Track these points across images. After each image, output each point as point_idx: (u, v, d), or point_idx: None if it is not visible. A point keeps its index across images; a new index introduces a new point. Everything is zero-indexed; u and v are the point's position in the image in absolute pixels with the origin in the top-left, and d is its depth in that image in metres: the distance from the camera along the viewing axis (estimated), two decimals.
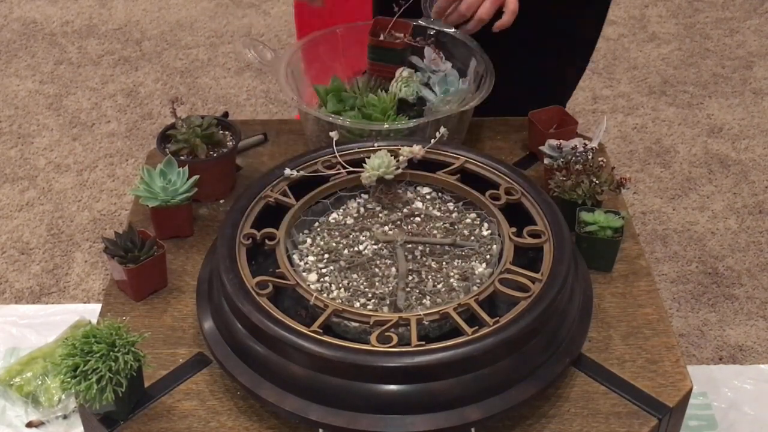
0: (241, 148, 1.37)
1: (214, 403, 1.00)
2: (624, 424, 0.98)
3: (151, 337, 1.05)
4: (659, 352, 1.06)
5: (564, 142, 1.24)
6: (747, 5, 3.19)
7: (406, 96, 1.30)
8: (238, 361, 0.98)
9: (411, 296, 1.03)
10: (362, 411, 0.93)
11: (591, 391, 1.01)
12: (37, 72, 2.83)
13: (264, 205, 1.12)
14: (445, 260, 1.08)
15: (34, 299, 2.03)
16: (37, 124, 2.59)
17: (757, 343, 1.93)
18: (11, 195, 2.33)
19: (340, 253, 1.09)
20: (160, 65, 2.86)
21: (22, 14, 3.12)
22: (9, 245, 2.18)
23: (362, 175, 1.13)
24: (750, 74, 2.83)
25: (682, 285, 2.07)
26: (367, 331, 0.99)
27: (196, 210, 1.26)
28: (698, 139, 2.55)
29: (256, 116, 2.64)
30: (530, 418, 0.98)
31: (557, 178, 1.19)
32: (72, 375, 0.92)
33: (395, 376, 0.92)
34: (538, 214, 1.11)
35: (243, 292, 0.99)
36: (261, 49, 1.34)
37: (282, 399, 0.94)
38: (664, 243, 2.18)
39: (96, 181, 2.38)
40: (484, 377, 0.94)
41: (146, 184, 1.18)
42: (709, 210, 2.29)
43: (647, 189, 2.36)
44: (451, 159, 1.19)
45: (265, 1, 3.19)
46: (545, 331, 0.98)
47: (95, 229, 2.23)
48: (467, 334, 0.94)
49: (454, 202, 1.17)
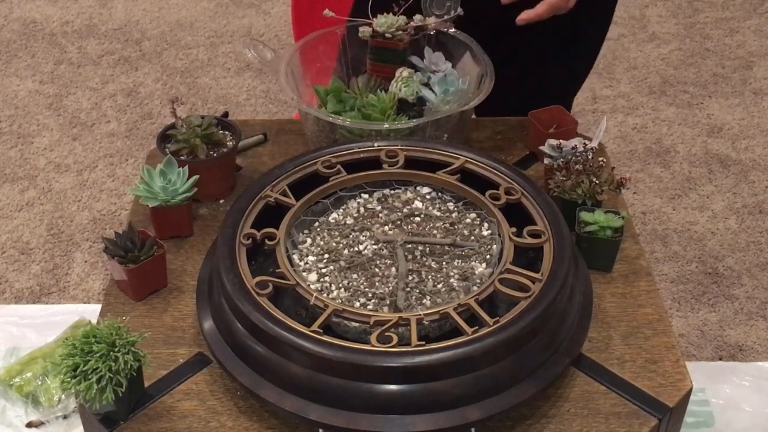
0: (241, 148, 1.37)
1: (214, 403, 1.00)
2: (624, 424, 0.98)
3: (151, 337, 1.05)
4: (659, 352, 1.06)
5: (564, 142, 1.24)
6: (747, 5, 3.19)
7: (406, 96, 1.30)
8: (238, 361, 0.98)
9: (411, 296, 1.03)
10: (362, 411, 0.93)
11: (591, 391, 1.01)
12: (37, 72, 2.83)
13: (264, 205, 1.12)
14: (445, 260, 1.08)
15: (34, 299, 2.03)
16: (37, 124, 2.59)
17: (757, 343, 1.93)
18: (11, 195, 2.33)
19: (340, 253, 1.09)
20: (160, 65, 2.86)
21: (22, 14, 3.12)
22: (9, 245, 2.18)
23: (360, 29, 1.19)
24: (750, 74, 2.83)
25: (682, 285, 2.07)
26: (367, 331, 0.99)
27: (196, 210, 1.26)
28: (698, 139, 2.55)
29: (256, 116, 2.64)
30: (530, 418, 0.98)
31: (557, 178, 1.19)
32: (72, 375, 0.92)
33: (395, 376, 0.92)
34: (538, 214, 1.11)
35: (243, 292, 0.99)
36: (261, 49, 1.34)
37: (282, 399, 0.94)
38: (664, 243, 2.18)
39: (96, 181, 2.38)
40: (484, 377, 0.94)
41: (146, 184, 1.19)
42: (709, 210, 2.29)
43: (647, 189, 2.36)
44: (451, 159, 1.19)
45: (265, 1, 3.19)
46: (545, 331, 0.98)
47: (95, 229, 2.23)
48: (467, 334, 0.94)
49: (454, 202, 1.17)
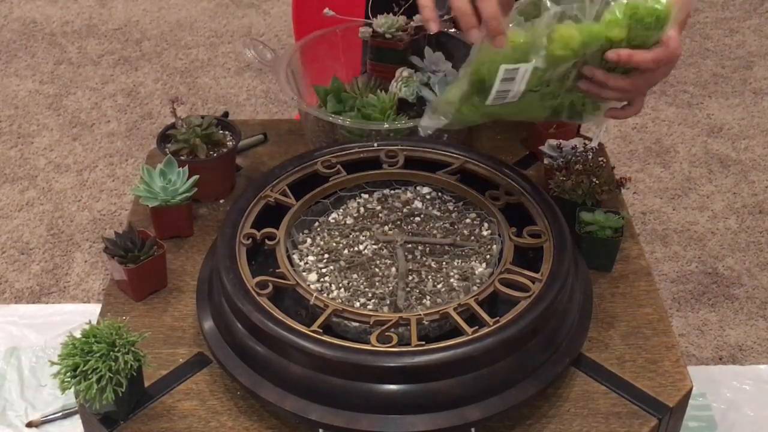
0: (241, 148, 1.37)
1: (214, 403, 1.00)
2: (624, 424, 0.98)
3: (151, 337, 1.05)
4: (659, 352, 1.06)
5: (564, 142, 1.24)
6: (747, 5, 3.19)
7: (406, 96, 1.30)
8: (238, 361, 0.98)
9: (411, 296, 1.03)
10: (362, 411, 0.93)
11: (591, 391, 1.01)
12: (37, 72, 2.83)
13: (264, 205, 1.12)
14: (445, 260, 1.08)
15: (34, 299, 2.03)
16: (37, 124, 2.60)
17: (757, 343, 1.93)
18: (11, 195, 2.33)
19: (340, 253, 1.09)
20: (160, 65, 2.86)
21: (22, 14, 3.12)
22: (9, 245, 2.18)
23: (360, 29, 1.16)
24: (750, 74, 2.83)
25: (682, 285, 2.07)
26: (367, 331, 0.99)
27: (196, 210, 1.26)
28: (698, 139, 2.55)
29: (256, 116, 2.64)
30: (530, 418, 0.98)
31: (557, 178, 1.19)
32: (72, 375, 0.92)
33: (395, 376, 0.92)
34: (538, 214, 1.11)
35: (243, 292, 0.99)
36: (261, 49, 1.34)
37: (282, 399, 0.94)
38: (664, 243, 2.18)
39: (96, 181, 2.38)
40: (484, 377, 0.94)
41: (146, 184, 1.19)
42: (709, 210, 2.29)
43: (647, 189, 2.36)
44: (451, 159, 1.19)
45: (265, 1, 3.19)
46: (545, 331, 0.98)
47: (95, 229, 2.23)
48: (467, 334, 0.94)
49: (454, 202, 1.17)
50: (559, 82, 0.99)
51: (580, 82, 1.01)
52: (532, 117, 1.07)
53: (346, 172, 1.17)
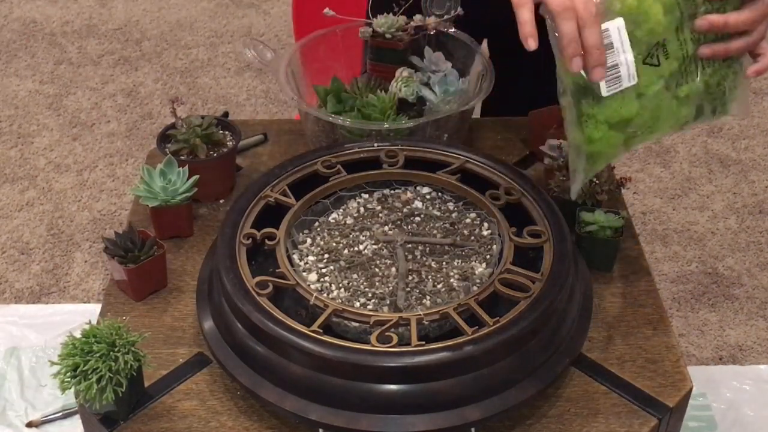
0: (241, 148, 1.37)
1: (214, 403, 1.00)
2: (624, 424, 0.98)
3: (151, 337, 1.05)
4: (659, 352, 1.06)
5: (564, 142, 1.24)
6: None
7: (406, 96, 1.30)
8: (238, 361, 0.98)
9: (411, 296, 1.03)
10: (362, 411, 0.93)
11: (591, 391, 1.01)
12: (37, 72, 2.83)
13: (264, 205, 1.12)
14: (445, 260, 1.08)
15: (34, 299, 2.03)
16: (37, 124, 2.60)
17: (757, 343, 1.93)
18: (11, 195, 2.33)
19: (340, 253, 1.09)
20: (160, 65, 2.86)
21: (22, 14, 3.12)
22: (9, 245, 2.18)
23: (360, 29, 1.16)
24: None
25: (682, 285, 2.07)
26: (367, 331, 0.99)
27: (196, 210, 1.26)
28: (698, 138, 2.55)
29: (256, 116, 2.64)
30: (530, 418, 0.98)
31: (557, 178, 1.19)
32: (72, 375, 0.92)
33: (395, 376, 0.92)
34: (538, 214, 1.11)
35: (243, 292, 0.99)
36: (261, 49, 1.34)
37: (282, 399, 0.94)
38: (664, 243, 2.18)
39: (96, 181, 2.39)
40: (484, 377, 0.94)
41: (146, 184, 1.19)
42: (709, 210, 2.29)
43: (647, 189, 2.36)
44: (451, 159, 1.19)
45: (265, 1, 3.19)
46: (545, 331, 0.98)
47: (95, 229, 2.23)
48: (467, 334, 0.94)
49: (454, 202, 1.17)
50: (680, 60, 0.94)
51: (701, 49, 0.95)
52: (673, 124, 1.01)
53: (346, 172, 1.17)
